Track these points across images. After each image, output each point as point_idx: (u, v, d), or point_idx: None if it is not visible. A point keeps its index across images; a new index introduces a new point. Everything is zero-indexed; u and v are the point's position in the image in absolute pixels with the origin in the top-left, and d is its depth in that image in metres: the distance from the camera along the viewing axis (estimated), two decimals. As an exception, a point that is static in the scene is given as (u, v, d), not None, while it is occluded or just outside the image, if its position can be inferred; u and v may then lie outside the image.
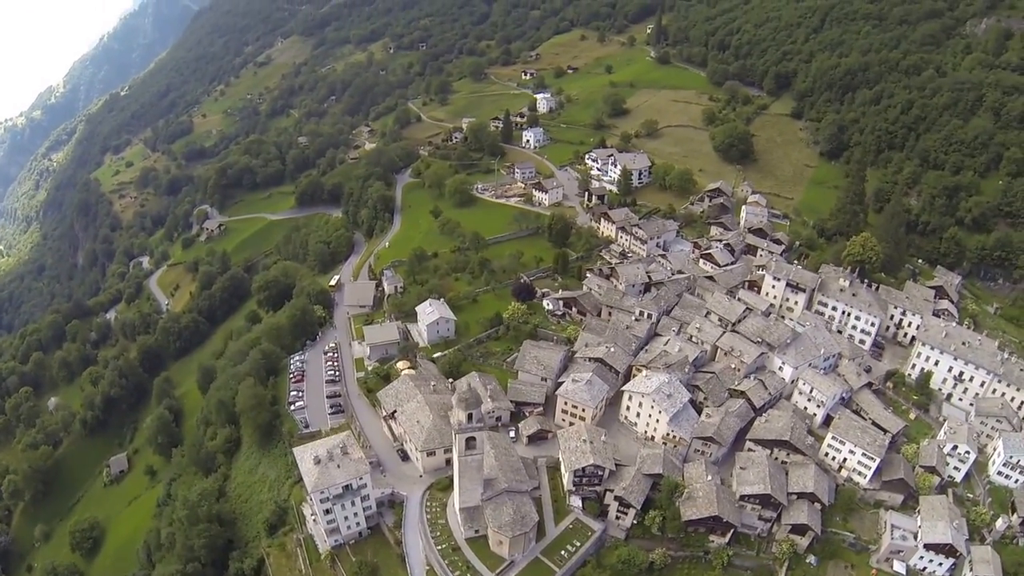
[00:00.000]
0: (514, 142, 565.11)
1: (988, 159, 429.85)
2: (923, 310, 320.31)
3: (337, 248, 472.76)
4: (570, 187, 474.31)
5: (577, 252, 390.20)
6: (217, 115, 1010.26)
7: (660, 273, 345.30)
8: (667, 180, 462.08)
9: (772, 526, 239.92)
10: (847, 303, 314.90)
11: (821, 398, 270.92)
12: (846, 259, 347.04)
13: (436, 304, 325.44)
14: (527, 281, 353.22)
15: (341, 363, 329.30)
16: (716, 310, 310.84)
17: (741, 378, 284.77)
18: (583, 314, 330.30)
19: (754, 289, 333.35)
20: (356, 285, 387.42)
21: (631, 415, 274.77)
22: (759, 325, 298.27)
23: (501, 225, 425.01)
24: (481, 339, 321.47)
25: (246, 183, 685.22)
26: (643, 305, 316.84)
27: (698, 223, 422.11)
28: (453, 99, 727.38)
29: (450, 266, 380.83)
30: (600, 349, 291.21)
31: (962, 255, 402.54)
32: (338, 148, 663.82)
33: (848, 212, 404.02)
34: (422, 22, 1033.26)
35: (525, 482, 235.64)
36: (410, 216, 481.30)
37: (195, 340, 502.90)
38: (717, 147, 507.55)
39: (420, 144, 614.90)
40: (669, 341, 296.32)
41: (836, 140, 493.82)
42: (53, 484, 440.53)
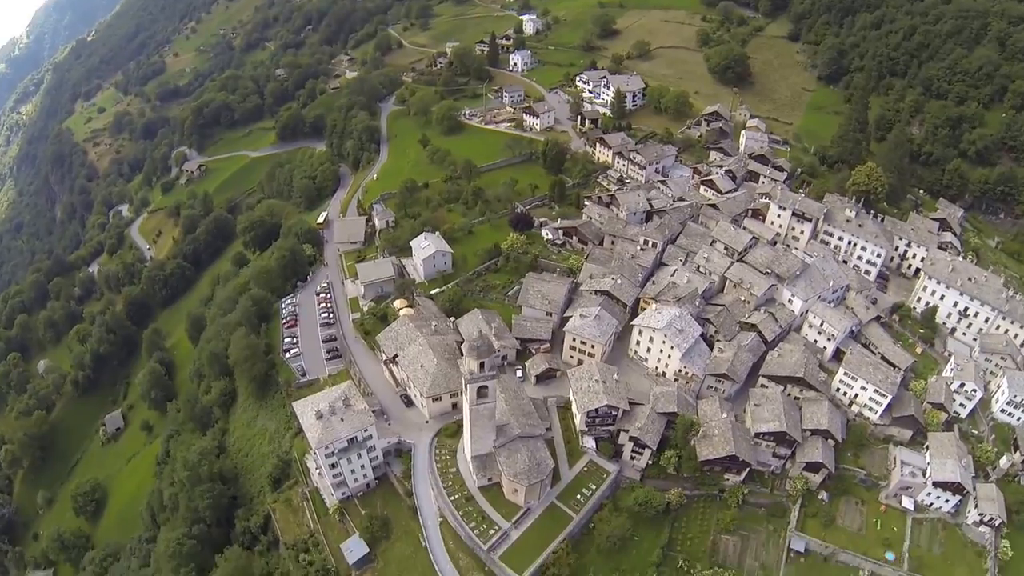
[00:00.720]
0: (501, 66, 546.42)
1: (992, 91, 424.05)
2: (928, 243, 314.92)
3: (323, 183, 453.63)
4: (561, 111, 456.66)
5: (573, 179, 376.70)
6: (190, 53, 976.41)
7: (661, 200, 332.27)
8: (662, 103, 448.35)
9: (786, 463, 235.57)
10: (853, 234, 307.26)
11: (832, 332, 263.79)
12: (851, 188, 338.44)
13: (431, 237, 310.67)
14: (524, 211, 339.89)
15: (335, 304, 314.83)
16: (722, 239, 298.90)
17: (751, 311, 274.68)
18: (584, 243, 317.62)
19: (759, 218, 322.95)
20: (345, 221, 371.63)
21: (641, 351, 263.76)
22: (767, 256, 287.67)
23: (492, 152, 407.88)
24: (480, 272, 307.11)
25: (224, 121, 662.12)
26: (647, 234, 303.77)
27: (697, 148, 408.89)
28: (435, 24, 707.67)
29: (442, 197, 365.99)
30: (606, 281, 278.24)
31: (964, 188, 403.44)
32: (318, 79, 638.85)
33: (850, 140, 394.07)
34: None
35: (537, 425, 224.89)
36: (397, 146, 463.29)
37: (182, 287, 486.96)
38: (712, 69, 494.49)
39: (403, 71, 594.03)
40: (676, 272, 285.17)
41: (835, 65, 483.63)
42: (50, 449, 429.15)
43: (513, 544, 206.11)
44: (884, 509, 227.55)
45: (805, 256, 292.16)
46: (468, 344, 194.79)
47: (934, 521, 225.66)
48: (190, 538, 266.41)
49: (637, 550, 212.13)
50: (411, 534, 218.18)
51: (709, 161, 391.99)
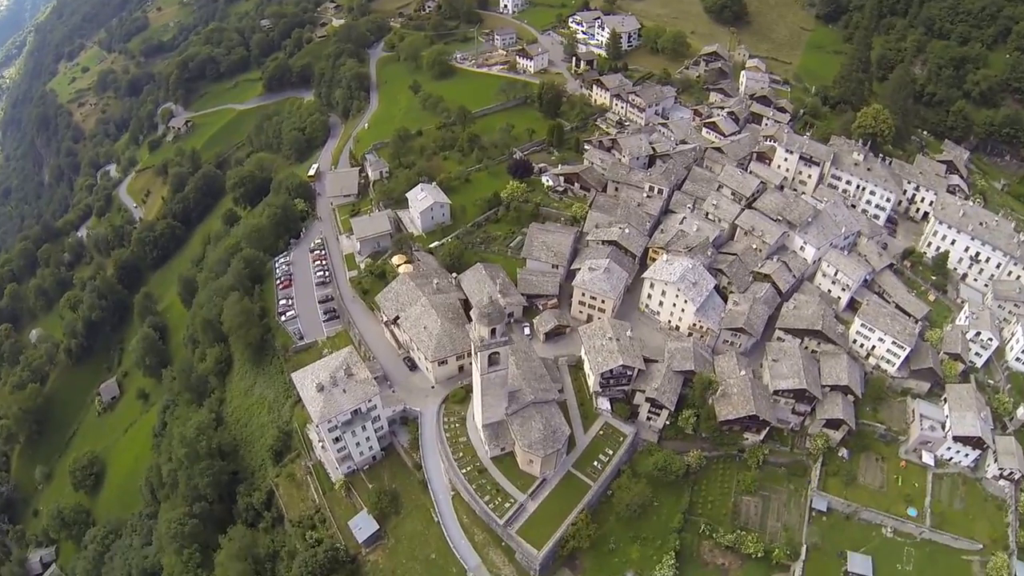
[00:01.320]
0: (491, 7, 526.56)
1: (996, 32, 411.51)
2: (936, 186, 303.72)
3: (313, 134, 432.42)
4: (555, 53, 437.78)
5: (571, 122, 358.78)
6: (173, 6, 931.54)
7: (664, 144, 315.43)
8: (659, 43, 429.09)
9: (805, 420, 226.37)
10: (862, 178, 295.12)
11: (847, 281, 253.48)
12: (856, 131, 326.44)
13: (428, 188, 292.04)
14: (522, 157, 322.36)
15: (330, 262, 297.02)
16: (729, 184, 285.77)
17: (763, 260, 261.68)
18: (586, 190, 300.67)
19: (764, 161, 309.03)
20: (338, 173, 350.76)
21: (652, 304, 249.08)
22: (777, 202, 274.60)
23: (486, 96, 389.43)
24: (480, 223, 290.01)
25: (210, 74, 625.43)
26: (653, 180, 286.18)
27: (696, 89, 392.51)
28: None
29: (437, 145, 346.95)
30: (613, 231, 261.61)
31: (969, 129, 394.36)
32: (304, 27, 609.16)
33: (853, 80, 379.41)
34: None
35: (550, 389, 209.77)
36: (388, 93, 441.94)
37: (173, 247, 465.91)
38: (708, 8, 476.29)
39: (391, 16, 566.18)
40: (685, 219, 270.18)
41: (834, 3, 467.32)
42: (46, 422, 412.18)
43: (530, 517, 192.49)
44: (904, 465, 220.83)
45: (815, 202, 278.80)
46: (477, 310, 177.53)
47: (954, 476, 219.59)
48: (192, 517, 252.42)
49: (658, 516, 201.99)
50: (422, 509, 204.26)
51: (709, 103, 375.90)
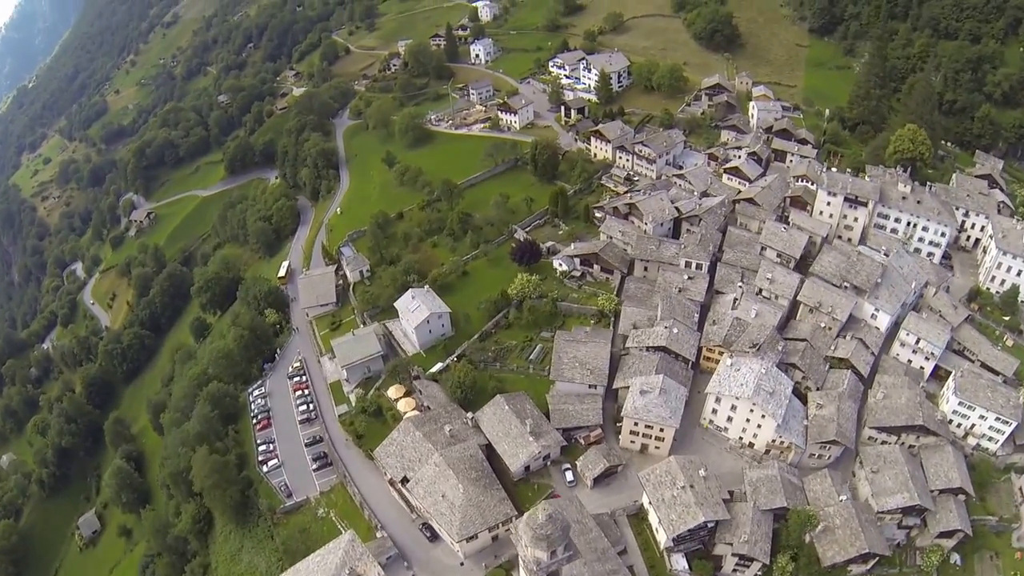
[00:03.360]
0: (462, 59, 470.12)
1: (1006, 24, 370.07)
2: (987, 208, 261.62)
3: (280, 222, 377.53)
4: (540, 103, 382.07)
5: (573, 185, 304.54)
6: (131, 88, 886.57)
7: (688, 202, 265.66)
8: (653, 80, 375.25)
9: (911, 531, 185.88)
10: (912, 212, 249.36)
11: (931, 349, 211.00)
12: (892, 157, 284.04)
13: (421, 295, 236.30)
14: (526, 238, 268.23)
15: (313, 391, 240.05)
16: (773, 244, 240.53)
17: (835, 339, 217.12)
18: (609, 272, 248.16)
19: (799, 207, 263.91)
20: (310, 278, 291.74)
21: (719, 419, 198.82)
22: (837, 263, 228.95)
23: (471, 162, 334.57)
24: (488, 331, 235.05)
25: (169, 160, 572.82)
26: (690, 255, 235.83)
27: (704, 128, 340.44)
28: (381, 23, 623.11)
29: (422, 229, 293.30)
30: (658, 332, 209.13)
31: (997, 135, 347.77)
32: (264, 100, 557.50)
33: (872, 98, 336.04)
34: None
35: (610, 558, 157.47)
36: (359, 168, 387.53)
37: (143, 358, 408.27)
38: (697, 35, 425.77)
39: (354, 79, 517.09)
40: (737, 302, 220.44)
41: (827, 15, 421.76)
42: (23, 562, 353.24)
43: None
44: (1020, 556, 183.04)
45: (873, 252, 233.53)
46: (532, 532, 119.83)
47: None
48: None
49: None
50: None
51: (723, 143, 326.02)
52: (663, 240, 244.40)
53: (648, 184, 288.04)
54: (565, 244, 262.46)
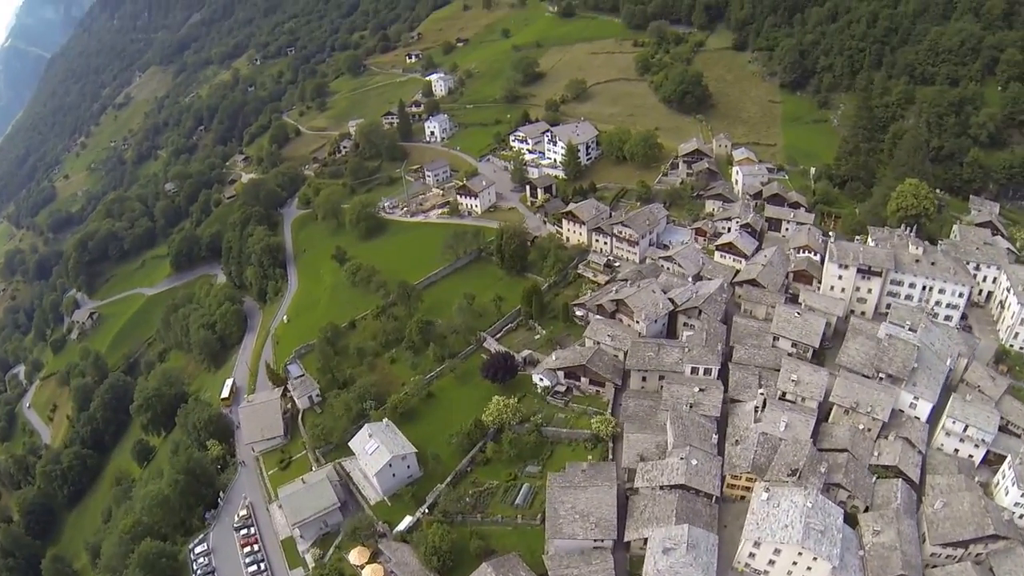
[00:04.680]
0: (416, 138, 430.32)
1: (983, 65, 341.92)
2: (997, 259, 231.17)
3: (225, 330, 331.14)
4: (502, 183, 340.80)
5: (547, 276, 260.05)
6: (81, 173, 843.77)
7: (682, 290, 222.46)
8: (626, 149, 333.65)
9: None
10: (927, 276, 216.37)
11: (982, 436, 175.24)
12: (895, 215, 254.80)
13: (379, 432, 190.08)
14: (498, 349, 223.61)
15: (264, 550, 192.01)
16: (787, 333, 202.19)
17: (875, 442, 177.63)
18: (599, 384, 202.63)
19: (804, 281, 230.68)
20: (254, 407, 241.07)
21: (757, 563, 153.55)
22: (865, 349, 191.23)
23: (430, 256, 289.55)
24: (463, 470, 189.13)
25: (113, 254, 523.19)
26: (695, 358, 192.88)
27: (686, 199, 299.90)
28: (332, 102, 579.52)
29: (378, 341, 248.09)
30: (674, 465, 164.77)
31: (987, 178, 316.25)
32: (211, 188, 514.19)
33: (860, 152, 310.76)
34: (287, 25, 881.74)
35: None
36: (308, 265, 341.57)
37: (86, 479, 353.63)
38: (667, 98, 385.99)
39: (305, 162, 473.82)
40: (760, 412, 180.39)
41: (798, 68, 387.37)
42: None
43: None
44: None
45: (898, 330, 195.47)
46: None
47: None
48: None
49: None
50: None
51: (709, 214, 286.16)
52: (662, 343, 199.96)
53: (632, 271, 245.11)
54: (544, 353, 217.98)
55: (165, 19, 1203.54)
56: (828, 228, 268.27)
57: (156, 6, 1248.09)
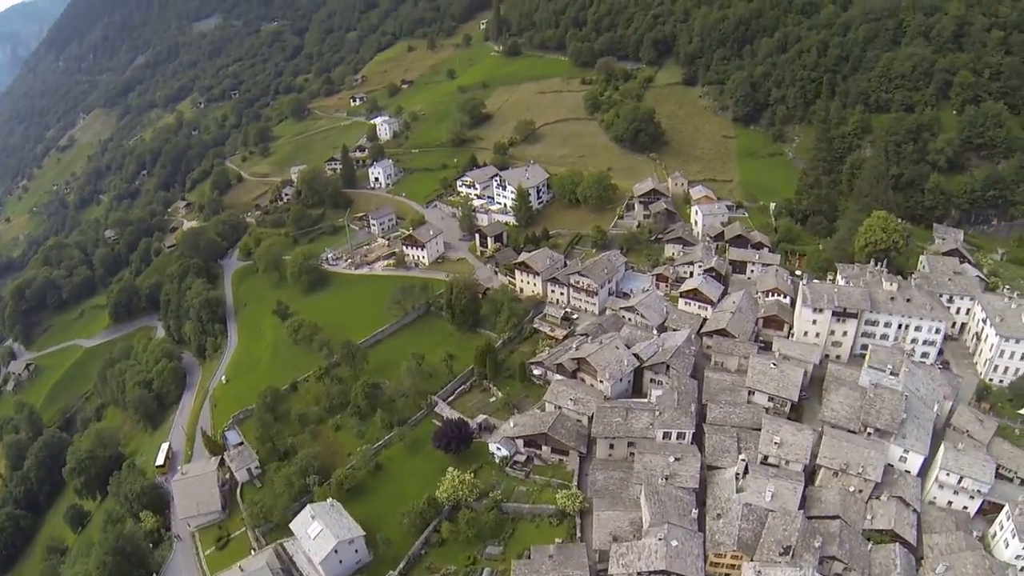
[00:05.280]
0: (360, 184, 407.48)
1: (936, 90, 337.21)
2: (970, 289, 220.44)
3: (162, 388, 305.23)
4: (450, 230, 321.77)
5: (501, 332, 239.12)
6: (23, 216, 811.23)
7: (647, 344, 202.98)
8: (579, 192, 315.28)
9: None
10: (903, 313, 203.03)
11: (978, 487, 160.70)
12: (863, 250, 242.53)
13: (323, 512, 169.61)
14: (450, 416, 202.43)
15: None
16: (763, 387, 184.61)
17: (867, 504, 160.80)
18: (563, 453, 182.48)
19: (773, 327, 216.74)
20: (188, 480, 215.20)
21: None
22: (850, 402, 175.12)
23: (375, 311, 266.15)
24: (417, 553, 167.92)
25: (51, 302, 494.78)
26: (668, 422, 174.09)
27: (644, 244, 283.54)
28: (276, 147, 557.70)
29: (321, 407, 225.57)
30: (651, 547, 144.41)
31: (948, 204, 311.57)
32: (152, 236, 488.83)
33: (821, 186, 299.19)
34: (231, 68, 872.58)
35: None
36: (249, 321, 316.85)
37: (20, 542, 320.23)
38: (619, 136, 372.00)
39: (246, 210, 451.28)
40: (741, 479, 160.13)
41: (750, 101, 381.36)
42: None
43: None
44: None
45: (879, 376, 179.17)
46: None
47: None
48: None
49: None
50: None
51: (669, 258, 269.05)
52: (631, 407, 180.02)
53: (592, 324, 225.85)
54: (501, 418, 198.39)
55: (110, 61, 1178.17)
56: (794, 267, 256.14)
57: (101, 48, 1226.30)
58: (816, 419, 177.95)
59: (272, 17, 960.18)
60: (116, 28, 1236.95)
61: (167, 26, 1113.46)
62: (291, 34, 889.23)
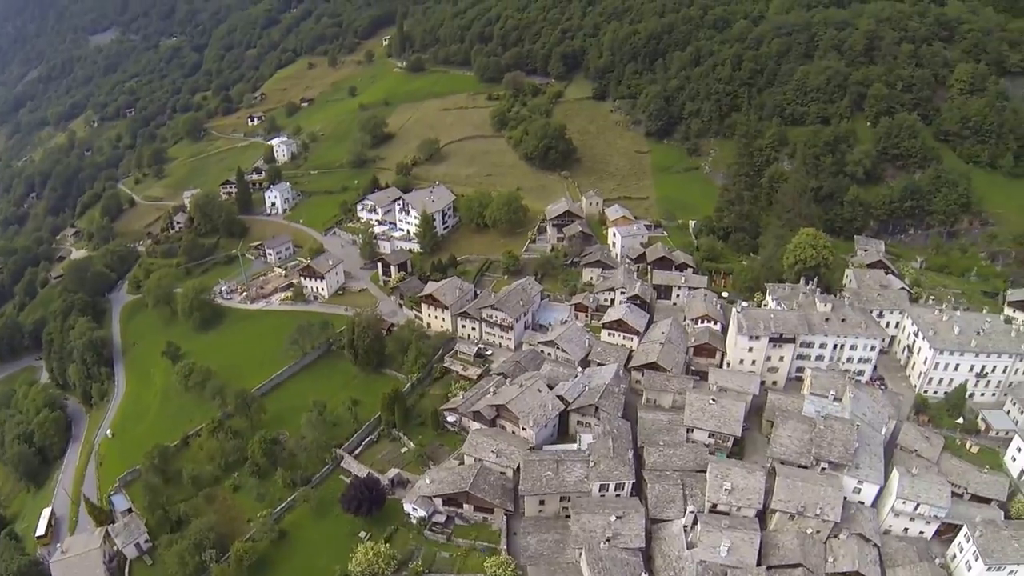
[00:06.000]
0: (256, 210, 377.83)
1: (851, 102, 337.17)
2: (899, 303, 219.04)
3: (44, 440, 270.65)
4: (351, 258, 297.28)
5: (409, 373, 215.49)
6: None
7: (572, 383, 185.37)
8: (487, 215, 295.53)
9: None
10: (838, 334, 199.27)
11: (935, 512, 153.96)
12: (792, 269, 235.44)
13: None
14: (358, 473, 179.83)
15: None
16: (703, 424, 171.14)
17: (826, 544, 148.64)
18: (487, 511, 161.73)
19: (704, 355, 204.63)
20: (69, 561, 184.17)
21: None
22: (799, 435, 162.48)
23: (272, 351, 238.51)
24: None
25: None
26: (604, 473, 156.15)
27: (559, 269, 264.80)
28: (171, 169, 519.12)
29: (216, 465, 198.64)
30: None
31: (868, 215, 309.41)
32: (38, 265, 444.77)
33: (743, 201, 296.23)
34: (127, 85, 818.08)
35: None
36: (138, 363, 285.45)
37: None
38: (528, 154, 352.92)
39: (138, 239, 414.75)
40: (693, 536, 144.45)
41: (664, 115, 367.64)
42: None
43: None
44: None
45: (825, 403, 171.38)
46: None
47: None
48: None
49: None
50: None
51: (588, 285, 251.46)
52: (561, 458, 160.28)
53: (509, 362, 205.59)
54: (415, 471, 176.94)
55: (1, 75, 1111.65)
56: (720, 288, 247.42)
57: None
58: (760, 452, 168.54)
59: (171, 32, 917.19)
60: (9, 39, 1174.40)
61: (62, 39, 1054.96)
62: (191, 50, 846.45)
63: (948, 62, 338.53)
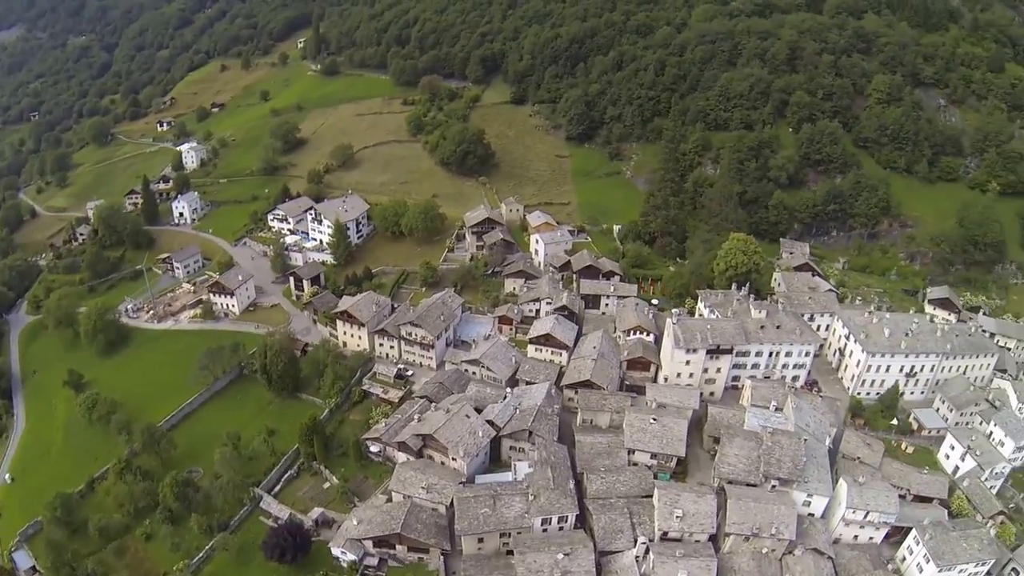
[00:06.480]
0: (163, 220, 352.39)
1: (773, 108, 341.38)
2: (830, 306, 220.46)
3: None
4: (262, 272, 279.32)
5: (327, 399, 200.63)
6: None
7: (502, 407, 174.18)
8: (403, 223, 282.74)
9: None
10: (773, 341, 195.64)
11: (883, 519, 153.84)
12: (724, 275, 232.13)
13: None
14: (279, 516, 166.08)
15: None
16: (645, 446, 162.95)
17: (781, 562, 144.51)
18: (423, 551, 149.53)
19: (639, 368, 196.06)
20: None
21: None
22: (746, 453, 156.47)
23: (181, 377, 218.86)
24: None
25: None
26: (544, 507, 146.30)
27: (479, 280, 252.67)
28: (75, 176, 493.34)
29: (126, 511, 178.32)
30: None
31: (792, 219, 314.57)
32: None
33: (670, 206, 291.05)
34: (32, 86, 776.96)
35: None
36: (38, 394, 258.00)
37: None
38: (445, 160, 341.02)
39: (40, 252, 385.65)
40: (647, 566, 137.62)
41: (585, 119, 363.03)
42: None
43: None
44: None
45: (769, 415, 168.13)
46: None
47: None
48: None
49: None
50: None
51: (512, 296, 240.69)
52: (497, 492, 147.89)
53: (432, 382, 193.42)
54: (341, 509, 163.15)
55: None
56: (649, 295, 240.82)
57: None
58: (703, 470, 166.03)
59: (80, 31, 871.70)
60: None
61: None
62: (100, 50, 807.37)
63: (866, 73, 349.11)
